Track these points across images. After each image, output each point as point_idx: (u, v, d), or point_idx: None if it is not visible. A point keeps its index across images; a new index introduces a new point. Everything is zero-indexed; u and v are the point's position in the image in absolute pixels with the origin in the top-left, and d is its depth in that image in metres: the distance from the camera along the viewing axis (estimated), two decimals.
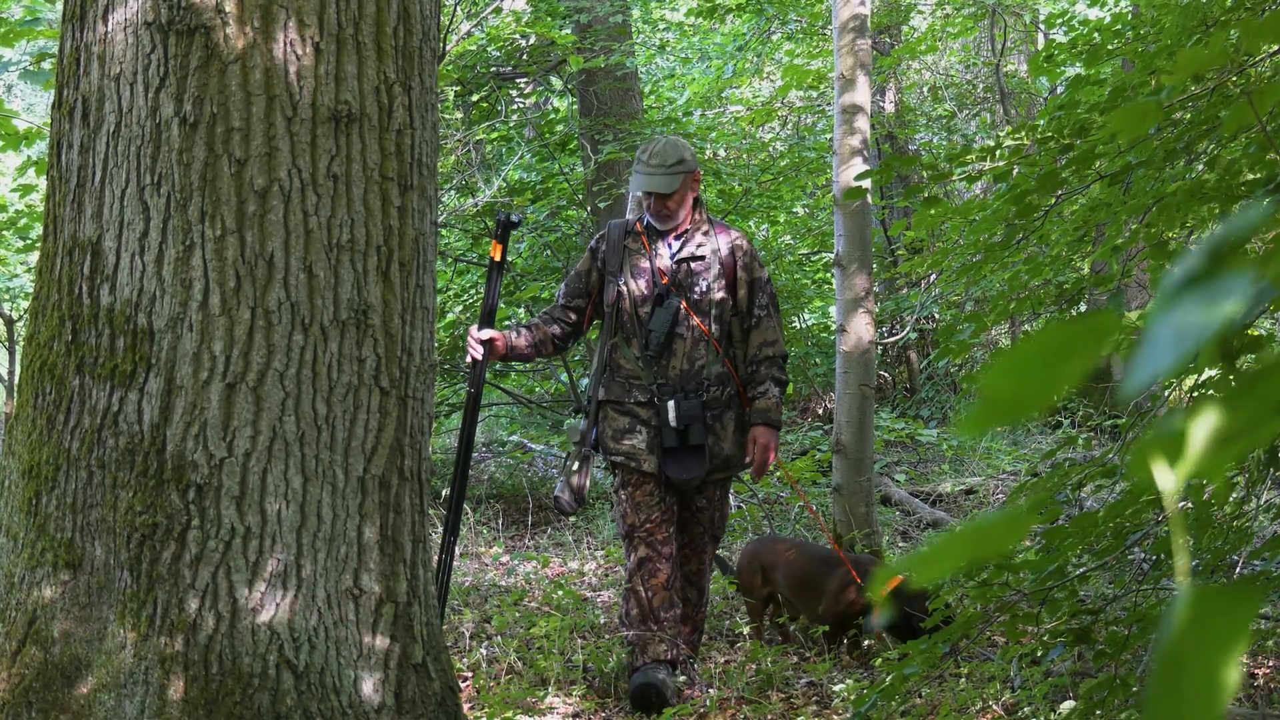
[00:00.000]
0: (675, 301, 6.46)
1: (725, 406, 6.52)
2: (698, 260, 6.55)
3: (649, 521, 6.46)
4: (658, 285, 6.50)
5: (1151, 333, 0.87)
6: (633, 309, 6.51)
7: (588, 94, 13.89)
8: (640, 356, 6.47)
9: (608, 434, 6.53)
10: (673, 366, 6.44)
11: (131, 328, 4.13)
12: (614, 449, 6.50)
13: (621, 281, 6.54)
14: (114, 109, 4.19)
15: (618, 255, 6.60)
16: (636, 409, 6.49)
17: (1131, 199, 4.34)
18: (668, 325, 6.42)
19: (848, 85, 8.08)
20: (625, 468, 6.52)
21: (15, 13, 9.21)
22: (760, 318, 6.59)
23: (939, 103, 17.77)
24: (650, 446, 6.43)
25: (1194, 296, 0.88)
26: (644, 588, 6.47)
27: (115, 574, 4.09)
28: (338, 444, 4.22)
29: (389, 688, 4.26)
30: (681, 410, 6.36)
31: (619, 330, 6.56)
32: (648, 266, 6.55)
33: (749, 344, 6.60)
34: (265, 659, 4.06)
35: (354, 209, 4.23)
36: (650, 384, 6.45)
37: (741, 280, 6.59)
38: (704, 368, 6.47)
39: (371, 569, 4.27)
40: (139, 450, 4.10)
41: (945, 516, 10.59)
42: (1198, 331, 0.85)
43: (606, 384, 6.58)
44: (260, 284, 4.11)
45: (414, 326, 4.43)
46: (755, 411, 6.53)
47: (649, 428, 6.45)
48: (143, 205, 4.14)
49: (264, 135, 4.11)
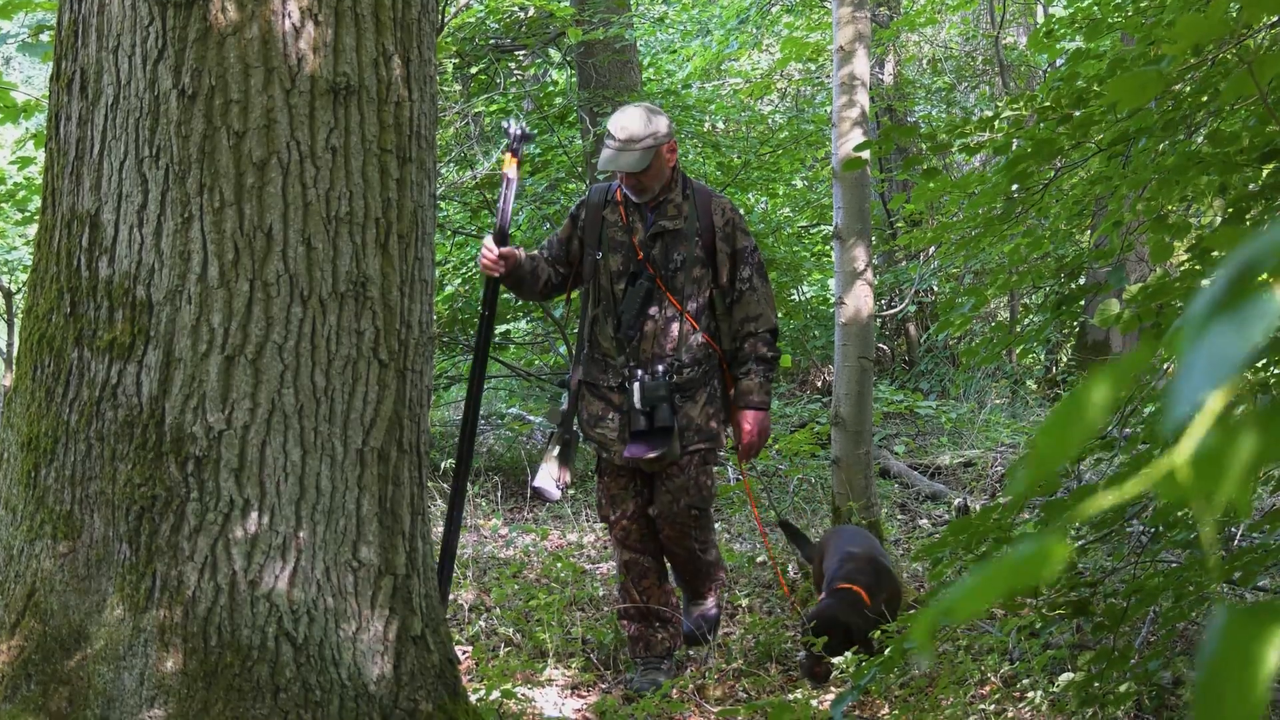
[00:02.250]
0: (647, 281, 6.25)
1: (701, 384, 6.32)
2: (672, 233, 6.30)
3: (624, 517, 6.39)
4: (633, 262, 6.30)
5: (1186, 363, 0.86)
6: (609, 285, 6.33)
7: (586, 66, 13.86)
8: (614, 336, 6.30)
9: (584, 418, 6.42)
10: (644, 348, 6.25)
11: (130, 300, 4.13)
12: (590, 434, 6.42)
13: (599, 255, 6.34)
14: (112, 81, 4.18)
15: (595, 226, 6.38)
16: (608, 393, 6.36)
17: (1131, 172, 4.32)
18: (637, 306, 6.24)
19: (847, 57, 8.06)
20: (600, 456, 6.47)
21: None
22: (743, 291, 6.35)
23: (938, 75, 17.75)
24: (620, 434, 6.29)
25: (1223, 323, 0.87)
26: (635, 588, 6.45)
27: (114, 546, 4.09)
28: (336, 416, 4.22)
29: (388, 660, 4.26)
30: (646, 392, 6.17)
31: (598, 304, 6.40)
32: (624, 240, 6.33)
33: (732, 318, 6.38)
34: (264, 631, 4.06)
35: (353, 181, 4.22)
36: (622, 365, 6.29)
37: (722, 251, 6.34)
38: (676, 348, 6.26)
39: (370, 541, 4.27)
40: (138, 423, 4.10)
41: (944, 489, 10.60)
42: (1232, 358, 0.84)
43: (585, 363, 6.43)
44: (259, 256, 4.11)
45: (413, 299, 4.43)
46: (739, 393, 6.38)
47: (619, 413, 6.31)
48: (141, 177, 4.13)
49: (262, 107, 4.11)
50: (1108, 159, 4.60)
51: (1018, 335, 7.25)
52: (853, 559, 6.48)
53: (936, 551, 4.43)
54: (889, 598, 6.42)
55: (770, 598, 7.80)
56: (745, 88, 16.61)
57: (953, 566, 4.52)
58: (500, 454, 12.57)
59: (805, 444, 10.12)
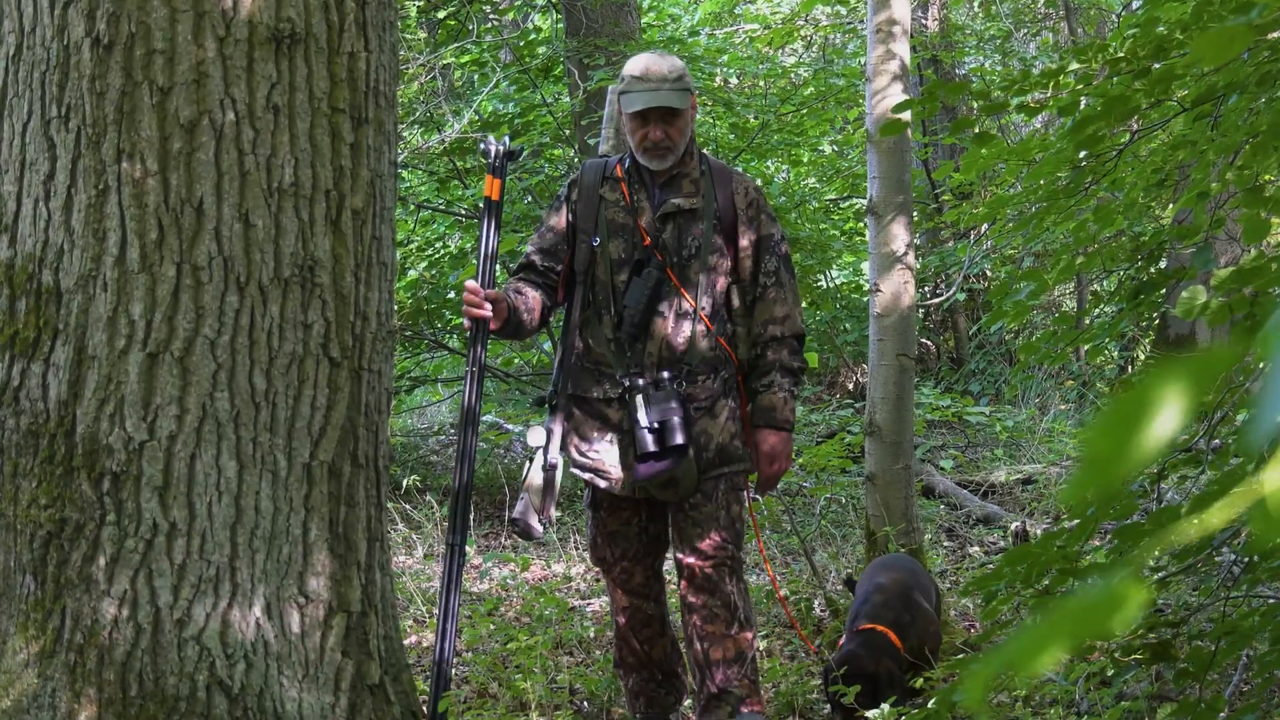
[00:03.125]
0: (656, 270, 5.97)
1: (719, 395, 6.05)
2: (686, 214, 6.02)
3: (625, 559, 6.16)
4: (639, 248, 6.01)
5: (1274, 371, 0.86)
6: (608, 276, 6.03)
7: (575, 11, 13.87)
8: (612, 338, 6.01)
9: (574, 439, 6.10)
10: (648, 351, 5.97)
11: (35, 287, 4.13)
12: (579, 461, 6.10)
13: (595, 241, 6.04)
14: (14, 29, 4.19)
15: (592, 207, 6.09)
16: (604, 408, 6.07)
17: (1220, 135, 4.33)
18: (644, 300, 5.94)
19: (884, 1, 8.07)
20: (593, 487, 6.16)
21: None
22: (767, 286, 6.08)
23: (992, 20, 17.75)
24: (622, 459, 6.00)
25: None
26: (636, 638, 6.25)
27: (16, 578, 4.10)
28: (279, 425, 4.22)
29: (340, 713, 4.27)
30: (653, 404, 5.88)
31: (591, 302, 6.09)
32: (628, 223, 6.04)
33: (753, 319, 6.11)
34: (194, 679, 4.07)
35: (299, 147, 4.22)
36: (622, 374, 5.98)
37: (744, 237, 6.07)
38: (687, 353, 5.99)
39: (319, 572, 4.28)
40: (44, 432, 4.11)
41: (998, 511, 10.61)
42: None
43: (574, 372, 6.14)
44: (188, 235, 4.11)
45: (370, 286, 4.43)
46: (759, 410, 6.10)
47: (619, 432, 6.01)
48: (48, 142, 4.13)
49: (191, 59, 4.10)
50: (1193, 120, 4.61)
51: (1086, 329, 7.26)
52: (881, 590, 6.39)
53: (990, 585, 4.43)
54: (924, 636, 6.39)
55: (793, 639, 7.81)
56: (763, 35, 16.60)
57: (1009, 603, 4.52)
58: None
59: (834, 457, 10.12)
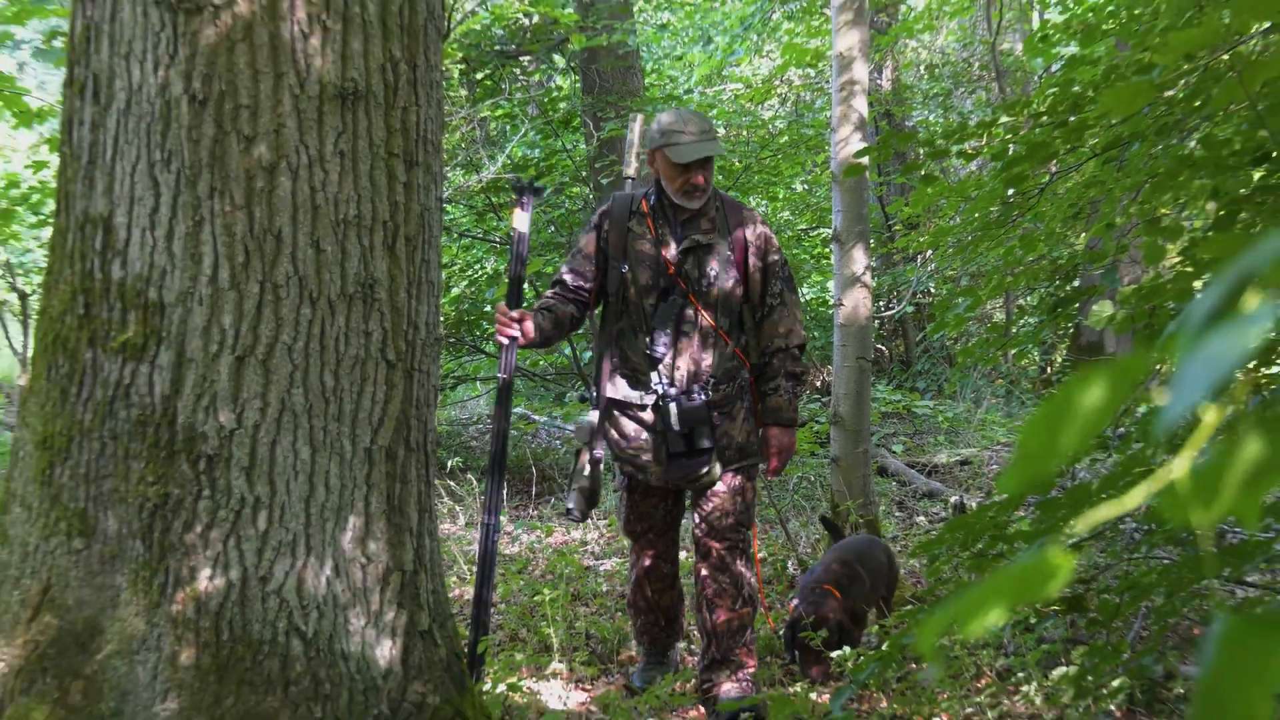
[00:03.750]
0: (680, 297, 5.93)
1: (735, 399, 6.04)
2: (704, 247, 5.97)
3: (651, 530, 6.24)
4: (663, 277, 5.95)
5: (1182, 367, 0.86)
6: (638, 299, 5.96)
7: (590, 72, 13.87)
8: (646, 352, 5.97)
9: (614, 437, 6.08)
10: (678, 366, 5.94)
11: (142, 302, 4.13)
12: (620, 455, 6.11)
13: (625, 268, 5.97)
14: (124, 86, 4.18)
15: (621, 238, 6.01)
16: (641, 413, 6.02)
17: (1124, 176, 4.33)
18: (672, 323, 5.93)
19: (846, 64, 8.06)
20: (632, 479, 6.18)
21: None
22: (773, 306, 6.08)
23: (935, 81, 17.74)
24: (656, 455, 5.99)
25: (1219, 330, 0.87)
26: (651, 588, 6.32)
27: (128, 543, 4.09)
28: (345, 416, 4.22)
29: (396, 654, 4.26)
30: (685, 413, 5.89)
31: (622, 317, 6.03)
32: (653, 254, 5.96)
33: (761, 334, 6.11)
34: (275, 626, 4.07)
35: (360, 185, 4.22)
36: (655, 384, 5.96)
37: (754, 265, 6.05)
38: (712, 365, 5.97)
39: (379, 538, 4.28)
40: (150, 422, 4.10)
41: (940, 487, 10.60)
42: (1226, 364, 0.84)
43: (613, 378, 6.08)
44: (269, 258, 4.11)
45: (419, 300, 4.43)
46: (767, 410, 6.10)
47: (654, 433, 5.99)
48: (153, 181, 4.13)
49: (271, 112, 4.10)
50: (1102, 163, 4.60)
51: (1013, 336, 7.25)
52: (832, 563, 6.44)
53: (933, 549, 4.43)
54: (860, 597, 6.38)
55: (770, 593, 7.80)
56: (746, 93, 16.62)
57: (949, 564, 4.52)
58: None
59: (805, 442, 10.13)
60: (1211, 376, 0.83)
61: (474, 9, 13.05)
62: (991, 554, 4.41)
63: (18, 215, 10.16)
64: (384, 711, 4.20)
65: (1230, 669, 0.82)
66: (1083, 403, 0.93)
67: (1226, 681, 0.82)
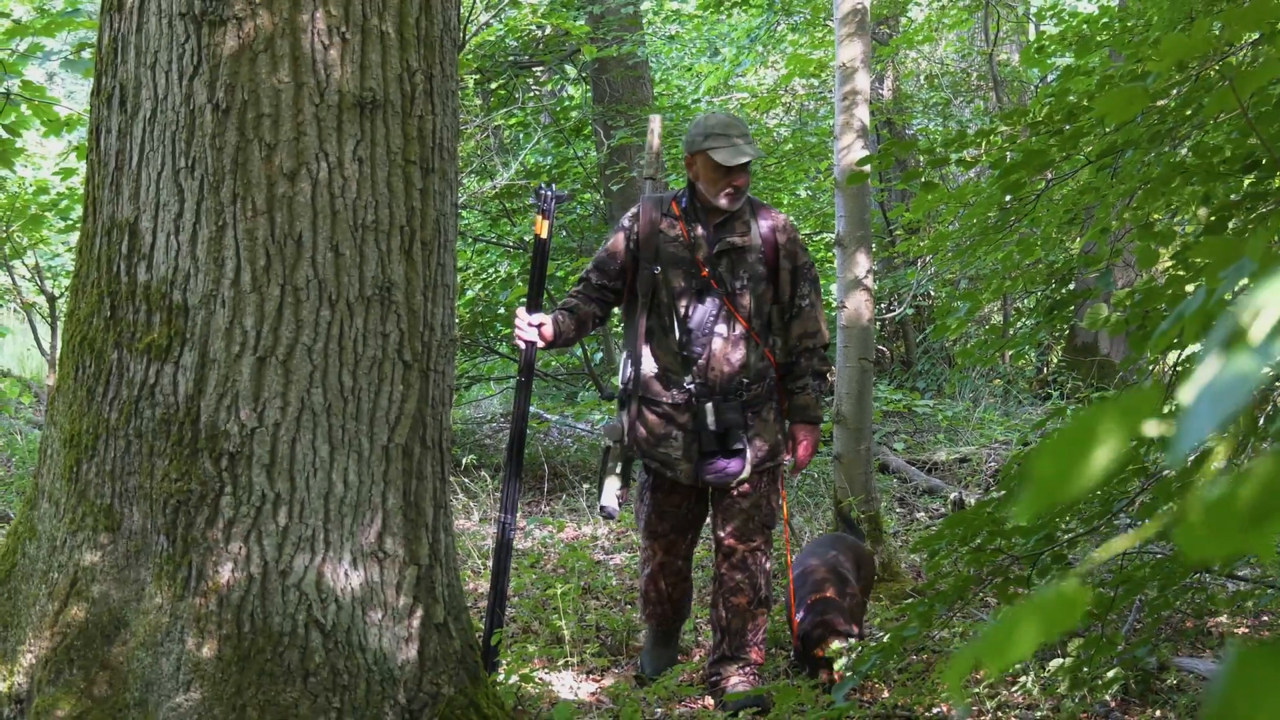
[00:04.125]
0: (715, 298, 5.84)
1: (765, 399, 5.96)
2: (738, 250, 5.87)
3: (672, 531, 6.08)
4: (696, 279, 5.85)
5: (1193, 399, 0.85)
6: (670, 301, 5.85)
7: (600, 82, 13.88)
8: (678, 352, 5.86)
9: (643, 435, 5.94)
10: (712, 366, 5.83)
11: (167, 304, 4.13)
12: (649, 453, 5.96)
13: (657, 269, 5.87)
14: (150, 96, 4.18)
15: (653, 239, 5.89)
16: (672, 411, 5.90)
17: (1118, 183, 4.32)
18: (708, 324, 5.83)
19: (848, 74, 8.05)
20: (659, 475, 6.01)
21: (56, 4, 9.20)
22: (802, 307, 5.98)
23: (935, 90, 17.72)
24: (686, 453, 5.89)
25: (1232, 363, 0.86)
26: (664, 582, 6.18)
27: (152, 538, 4.09)
28: (363, 414, 4.22)
29: (412, 646, 4.26)
30: (721, 414, 5.81)
31: (655, 317, 5.91)
32: (686, 256, 5.86)
33: (789, 333, 6.00)
34: (294, 618, 4.07)
35: (378, 191, 4.22)
36: (688, 383, 5.86)
37: (784, 268, 5.94)
38: (745, 365, 5.87)
39: (395, 533, 4.27)
40: (174, 420, 4.11)
41: (940, 484, 10.59)
42: (1232, 400, 0.83)
43: (644, 377, 5.95)
44: (289, 262, 4.11)
45: (435, 303, 4.42)
46: (794, 408, 6.02)
47: (685, 432, 5.88)
48: (177, 187, 4.13)
49: (293, 121, 4.10)
50: (1096, 170, 4.59)
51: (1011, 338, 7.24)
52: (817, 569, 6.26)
53: (934, 543, 4.42)
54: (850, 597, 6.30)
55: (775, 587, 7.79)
56: (752, 102, 16.60)
57: (949, 558, 4.51)
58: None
59: None
60: (1220, 413, 0.82)
61: (489, 21, 13.05)
62: (989, 549, 4.41)
63: (47, 220, 10.18)
64: (400, 702, 4.20)
65: (1240, 699, 0.81)
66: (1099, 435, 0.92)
67: (1236, 711, 0.81)
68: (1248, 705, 0.81)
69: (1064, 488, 0.92)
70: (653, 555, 6.18)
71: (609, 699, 5.72)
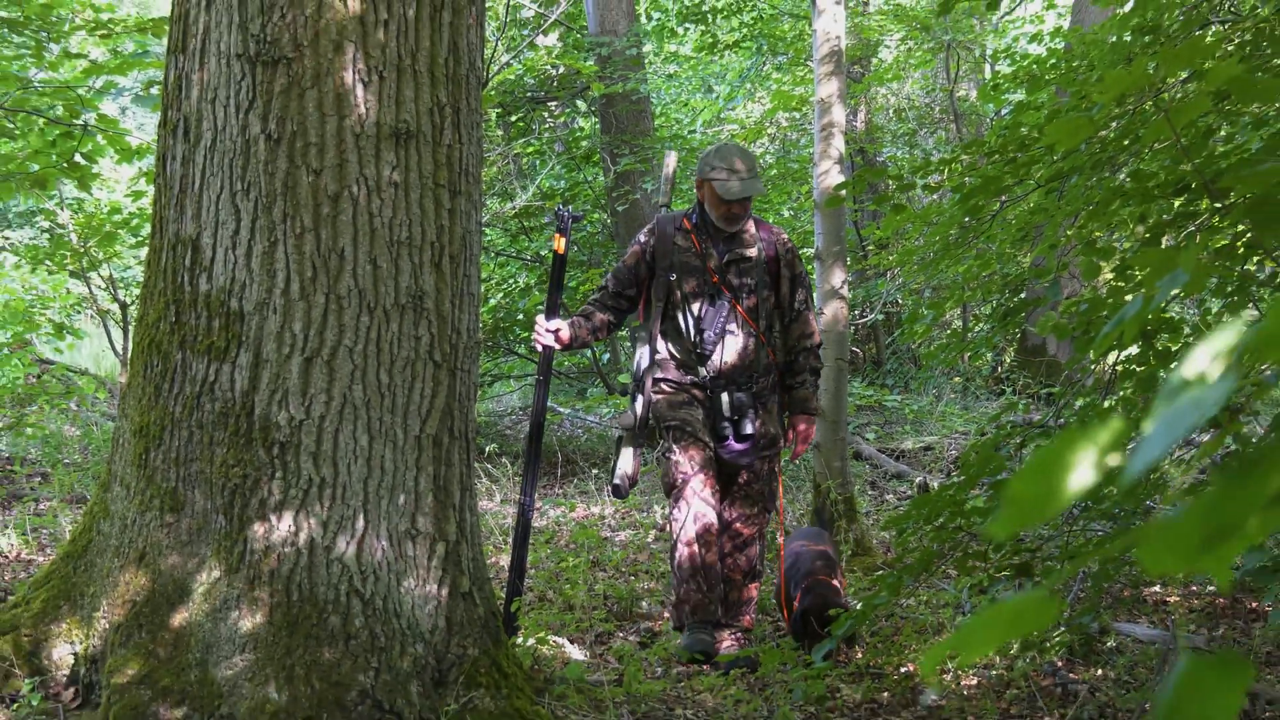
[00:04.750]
0: (725, 301, 5.90)
1: (770, 393, 6.02)
2: (745, 261, 5.96)
3: (700, 471, 5.89)
4: (709, 285, 5.92)
5: (1151, 425, 0.85)
6: (684, 305, 5.92)
7: (608, 115, 13.86)
8: (693, 351, 5.92)
9: (663, 406, 5.94)
10: (725, 362, 5.89)
11: (225, 311, 4.13)
12: (670, 417, 5.93)
13: (673, 278, 5.92)
14: (210, 127, 4.18)
15: (669, 252, 5.96)
16: (692, 390, 5.95)
17: (1065, 204, 4.31)
18: (720, 324, 5.90)
19: (826, 108, 8.04)
20: (680, 430, 5.92)
21: (128, 46, 9.21)
22: (800, 311, 6.06)
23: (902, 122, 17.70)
24: (706, 422, 5.91)
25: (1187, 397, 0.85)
26: (699, 542, 5.85)
27: (211, 517, 4.09)
28: (398, 408, 4.21)
29: (441, 613, 4.25)
30: (735, 402, 5.85)
31: (669, 321, 5.97)
32: (699, 266, 5.93)
33: (789, 335, 6.06)
34: (337, 588, 4.06)
35: (411, 211, 4.22)
36: (704, 378, 5.91)
37: (784, 277, 6.03)
38: (753, 361, 5.93)
39: (426, 513, 4.27)
40: (231, 413, 4.11)
41: (907, 469, 10.57)
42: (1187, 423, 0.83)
43: (661, 366, 5.99)
44: (333, 274, 4.11)
45: (462, 310, 4.42)
46: (794, 401, 6.06)
47: (705, 408, 5.93)
48: (234, 208, 4.13)
49: (336, 149, 4.10)
50: (1045, 193, 4.59)
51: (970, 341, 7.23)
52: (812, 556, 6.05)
53: (901, 523, 4.42)
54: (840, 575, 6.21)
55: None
56: (741, 133, 16.60)
57: (915, 535, 4.50)
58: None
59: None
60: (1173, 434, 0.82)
61: (509, 61, 13.05)
62: (951, 527, 4.40)
63: (119, 237, 10.17)
64: (430, 662, 4.19)
65: (1186, 704, 0.80)
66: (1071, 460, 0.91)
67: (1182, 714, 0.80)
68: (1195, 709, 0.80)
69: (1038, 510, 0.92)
70: (688, 512, 5.88)
71: (614, 659, 5.71)
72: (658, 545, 8.29)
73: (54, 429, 10.34)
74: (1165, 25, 5.07)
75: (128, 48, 9.18)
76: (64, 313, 12.31)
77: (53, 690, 4.22)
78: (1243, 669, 0.80)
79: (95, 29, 8.34)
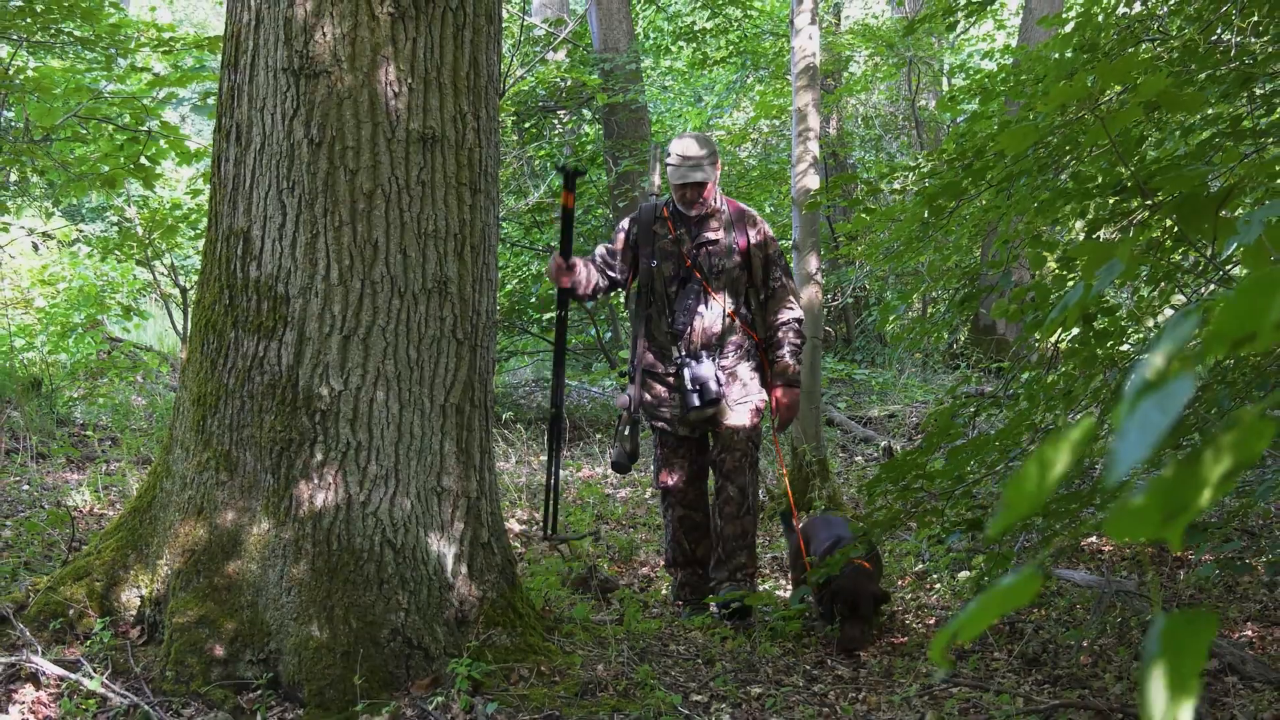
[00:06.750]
0: (696, 284, 5.70)
1: (742, 359, 5.75)
2: (714, 244, 5.72)
3: (682, 481, 5.84)
4: (682, 268, 5.71)
5: (1123, 432, 0.84)
6: (663, 288, 5.74)
7: (610, 122, 13.83)
8: (669, 330, 5.74)
9: (648, 399, 5.80)
10: (694, 339, 5.68)
11: (273, 295, 4.12)
12: (654, 415, 5.83)
13: (653, 263, 5.74)
14: (259, 132, 4.17)
15: (649, 239, 5.77)
16: (666, 378, 5.78)
17: (1014, 203, 4.30)
18: (691, 304, 5.70)
19: (802, 115, 8.02)
20: (663, 434, 5.85)
21: (187, 61, 9.18)
22: (775, 289, 5.79)
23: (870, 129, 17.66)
24: (681, 413, 5.72)
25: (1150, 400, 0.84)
26: (687, 540, 5.87)
27: (261, 476, 4.09)
28: (425, 380, 4.21)
29: (463, 561, 4.26)
30: (695, 373, 5.62)
31: (651, 304, 5.79)
32: (674, 251, 5.72)
33: (768, 311, 5.80)
34: (372, 539, 4.06)
35: (437, 207, 4.21)
36: (678, 355, 5.71)
37: (756, 257, 5.78)
38: (722, 336, 5.70)
39: (450, 473, 4.26)
40: (278, 385, 4.10)
41: (874, 434, 10.57)
42: (1157, 428, 0.82)
43: (645, 354, 5.82)
44: (368, 262, 4.10)
45: (481, 294, 4.41)
46: (776, 373, 5.76)
47: (676, 393, 5.74)
48: (280, 204, 4.12)
49: (370, 152, 4.09)
50: (997, 193, 4.57)
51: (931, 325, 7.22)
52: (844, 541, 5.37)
53: (873, 487, 4.42)
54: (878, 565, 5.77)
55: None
56: (728, 138, 16.56)
57: (881, 494, 4.50)
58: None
59: None
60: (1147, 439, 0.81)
61: (523, 74, 13.00)
62: (914, 487, 4.40)
63: (180, 230, 10.14)
64: (453, 603, 4.20)
65: (1167, 653, 0.81)
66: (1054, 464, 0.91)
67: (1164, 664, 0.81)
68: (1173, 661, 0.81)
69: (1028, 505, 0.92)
70: (671, 514, 5.92)
71: (616, 600, 5.71)
72: (654, 500, 8.28)
73: (122, 399, 10.34)
74: (1102, 43, 5.05)
75: (187, 63, 9.16)
76: (131, 296, 12.29)
77: (121, 629, 4.23)
78: (1209, 622, 0.81)
79: (158, 46, 8.30)
